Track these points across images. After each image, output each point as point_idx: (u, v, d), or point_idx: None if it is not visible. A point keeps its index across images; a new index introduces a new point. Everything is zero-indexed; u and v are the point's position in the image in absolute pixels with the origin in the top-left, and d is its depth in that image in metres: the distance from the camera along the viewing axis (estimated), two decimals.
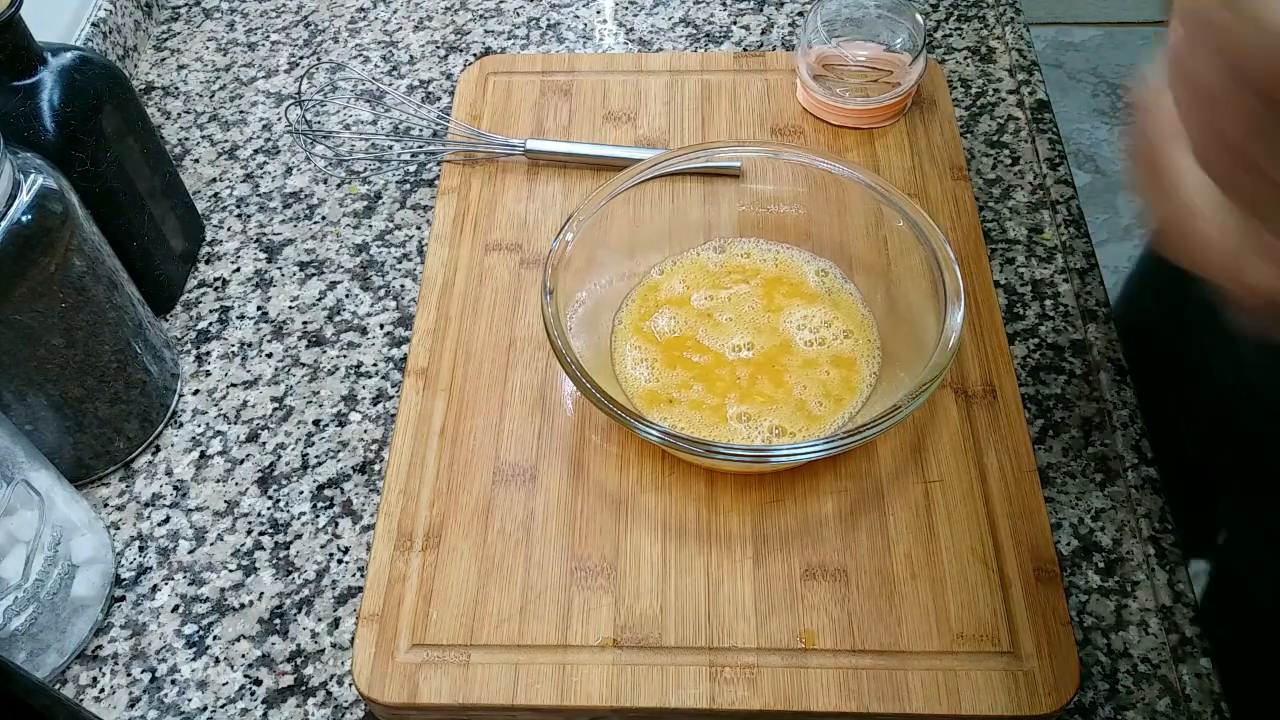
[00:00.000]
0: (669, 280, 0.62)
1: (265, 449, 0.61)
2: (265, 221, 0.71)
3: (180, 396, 0.63)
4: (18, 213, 0.49)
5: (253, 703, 0.52)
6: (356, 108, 0.77)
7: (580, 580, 0.53)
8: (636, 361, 0.58)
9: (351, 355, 0.64)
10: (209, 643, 0.54)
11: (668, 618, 0.51)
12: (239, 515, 0.58)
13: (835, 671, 0.49)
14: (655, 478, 0.56)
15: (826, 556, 0.53)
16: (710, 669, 0.50)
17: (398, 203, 0.71)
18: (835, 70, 0.68)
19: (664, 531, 0.54)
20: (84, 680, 0.53)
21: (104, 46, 0.76)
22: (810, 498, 0.55)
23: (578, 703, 0.49)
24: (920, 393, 0.50)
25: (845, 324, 0.59)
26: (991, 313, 0.61)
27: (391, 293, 0.67)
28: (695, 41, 0.79)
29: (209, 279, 0.68)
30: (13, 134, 0.54)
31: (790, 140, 0.70)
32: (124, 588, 0.56)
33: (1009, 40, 0.78)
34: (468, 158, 0.70)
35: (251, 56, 0.81)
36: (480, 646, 0.51)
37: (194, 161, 0.74)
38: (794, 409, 0.56)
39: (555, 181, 0.69)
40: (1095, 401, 0.59)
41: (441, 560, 0.53)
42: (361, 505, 0.58)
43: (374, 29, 0.82)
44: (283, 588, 0.55)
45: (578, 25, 0.81)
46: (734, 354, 0.58)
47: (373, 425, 0.61)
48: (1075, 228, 0.67)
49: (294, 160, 0.74)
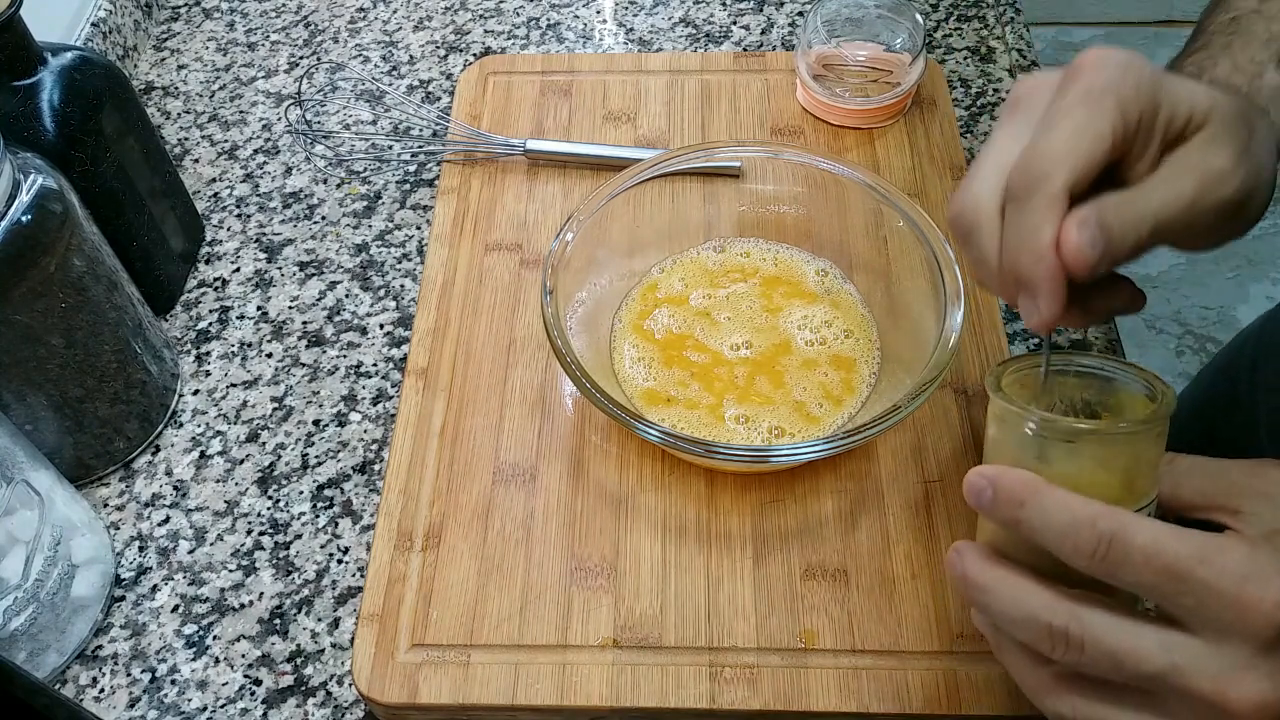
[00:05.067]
0: (668, 279, 0.62)
1: (265, 449, 0.60)
2: (265, 221, 0.71)
3: (180, 396, 0.63)
4: (18, 213, 0.49)
5: (253, 703, 0.52)
6: (356, 108, 0.77)
7: (580, 580, 0.53)
8: (635, 360, 0.58)
9: (351, 355, 0.64)
10: (209, 643, 0.54)
11: (668, 618, 0.51)
12: (239, 515, 0.58)
13: (835, 671, 0.49)
14: (655, 478, 0.56)
15: (826, 556, 0.53)
16: (710, 669, 0.50)
17: (398, 203, 0.71)
18: (835, 70, 0.68)
19: (664, 531, 0.54)
20: (84, 680, 0.53)
21: (104, 46, 0.76)
22: (810, 498, 0.55)
23: (578, 703, 0.49)
24: (920, 393, 0.50)
25: (845, 324, 0.59)
26: (991, 313, 0.61)
27: (391, 293, 0.67)
28: (695, 41, 0.79)
29: (209, 279, 0.68)
30: (13, 134, 0.54)
31: (790, 140, 0.70)
32: (124, 588, 0.56)
33: (1009, 40, 0.78)
34: (468, 158, 0.70)
35: (251, 56, 0.81)
36: (480, 646, 0.51)
37: (194, 161, 0.74)
38: (792, 409, 0.56)
39: (555, 181, 0.69)
40: None
41: (441, 560, 0.53)
42: (361, 505, 0.58)
43: (374, 29, 0.82)
44: (283, 588, 0.55)
45: (578, 25, 0.81)
46: (733, 353, 0.58)
47: (373, 425, 0.61)
48: None
49: (294, 160, 0.74)
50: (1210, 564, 0.32)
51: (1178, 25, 2.06)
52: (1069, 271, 0.36)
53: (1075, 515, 0.34)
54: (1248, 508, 0.36)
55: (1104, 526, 0.34)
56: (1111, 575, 0.34)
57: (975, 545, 0.38)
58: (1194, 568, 0.33)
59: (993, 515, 0.37)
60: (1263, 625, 0.32)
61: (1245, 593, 0.32)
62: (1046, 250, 0.36)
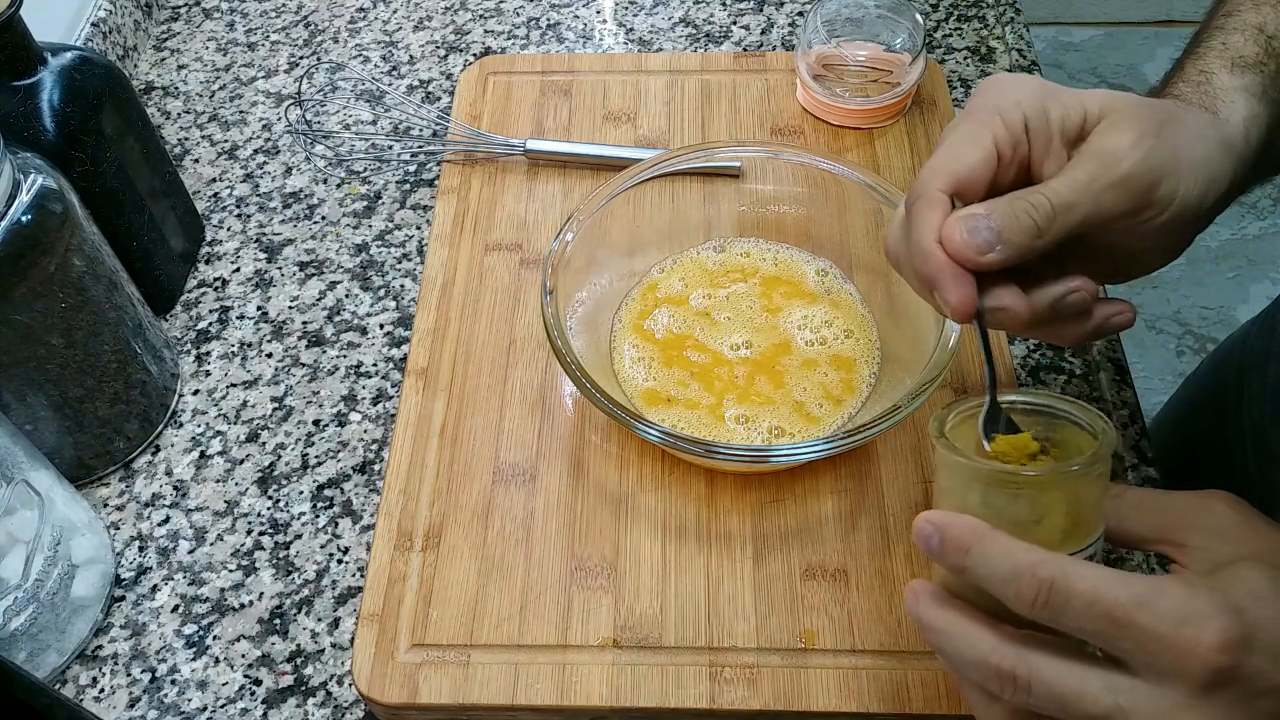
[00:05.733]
0: (668, 279, 0.62)
1: (265, 449, 0.61)
2: (265, 221, 0.71)
3: (180, 396, 0.63)
4: (18, 213, 0.49)
5: (253, 703, 0.52)
6: (356, 108, 0.77)
7: (580, 580, 0.53)
8: (635, 360, 0.58)
9: (351, 355, 0.64)
10: (209, 643, 0.54)
11: (668, 618, 0.51)
12: (239, 515, 0.58)
13: (835, 671, 0.49)
14: (655, 478, 0.56)
15: (826, 556, 0.53)
16: (710, 669, 0.50)
17: (398, 203, 0.71)
18: (835, 70, 0.68)
19: (664, 531, 0.54)
20: (84, 680, 0.53)
21: (104, 46, 0.76)
22: (810, 498, 0.55)
23: (578, 703, 0.49)
24: (920, 393, 0.50)
25: (845, 324, 0.59)
26: None
27: (391, 293, 0.67)
28: (695, 41, 0.79)
29: (209, 279, 0.68)
30: (13, 134, 0.54)
31: (790, 140, 0.70)
32: (124, 588, 0.56)
33: (1009, 40, 0.78)
34: (468, 158, 0.70)
35: (251, 56, 0.81)
36: (480, 646, 0.51)
37: (194, 161, 0.74)
38: (792, 409, 0.56)
39: (555, 181, 0.69)
40: (1095, 401, 0.59)
41: (441, 560, 0.53)
42: (361, 505, 0.58)
43: (374, 29, 0.82)
44: (283, 588, 0.55)
45: (578, 25, 0.81)
46: (733, 353, 0.58)
47: (373, 425, 0.61)
48: None
49: (294, 160, 0.74)
50: (1149, 608, 0.33)
51: (1177, 25, 2.06)
52: (959, 262, 0.40)
53: (1017, 563, 0.35)
54: (1192, 541, 0.37)
55: (1044, 574, 0.35)
56: (1054, 621, 0.35)
57: (930, 587, 0.39)
58: (1132, 613, 0.34)
59: (941, 561, 0.38)
60: (1199, 668, 0.33)
61: (1182, 636, 0.33)
62: (931, 246, 0.40)
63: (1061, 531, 0.38)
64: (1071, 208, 0.40)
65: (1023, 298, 0.41)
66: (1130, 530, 0.39)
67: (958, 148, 0.41)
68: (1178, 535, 0.38)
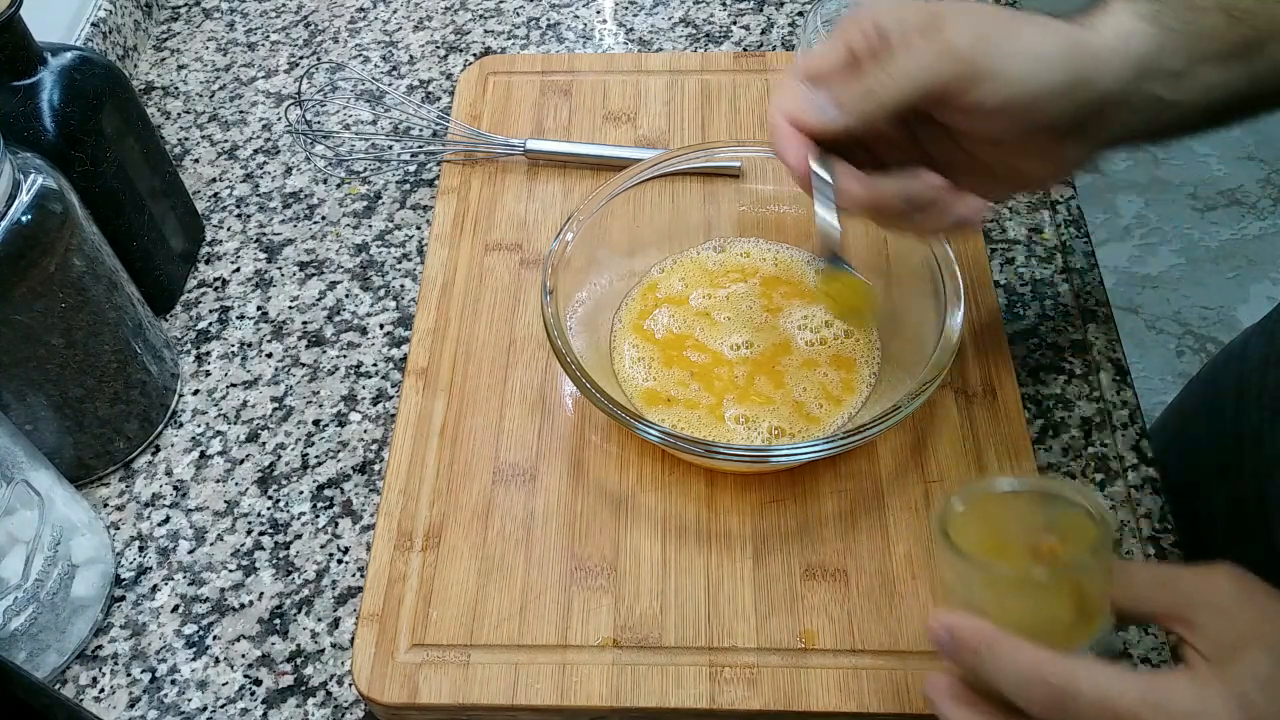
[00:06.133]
0: (668, 279, 0.62)
1: (265, 449, 0.61)
2: (265, 221, 0.71)
3: (180, 396, 0.63)
4: (18, 213, 0.49)
5: (253, 703, 0.52)
6: (356, 108, 0.77)
7: (580, 580, 0.53)
8: (635, 360, 0.58)
9: (351, 355, 0.64)
10: (209, 643, 0.54)
11: (668, 618, 0.51)
12: (239, 515, 0.58)
13: (835, 671, 0.49)
14: (655, 478, 0.56)
15: (826, 556, 0.53)
16: (710, 669, 0.50)
17: (398, 203, 0.71)
18: None
19: (664, 531, 0.54)
20: (84, 680, 0.53)
21: (104, 46, 0.76)
22: (810, 498, 0.55)
23: (578, 703, 0.49)
24: (920, 393, 0.50)
25: (845, 324, 0.59)
26: (991, 313, 0.61)
27: (391, 293, 0.67)
28: (695, 41, 0.79)
29: (209, 279, 0.68)
30: (13, 134, 0.54)
31: None
32: (124, 588, 0.56)
33: None
34: (468, 158, 0.70)
35: (251, 56, 0.81)
36: (480, 646, 0.51)
37: (194, 161, 0.74)
38: (792, 409, 0.56)
39: (555, 181, 0.69)
40: (1095, 401, 0.59)
41: (441, 560, 0.53)
42: (361, 505, 0.58)
43: (374, 29, 0.82)
44: (283, 588, 0.55)
45: (578, 25, 0.81)
46: (733, 353, 0.58)
47: (373, 425, 0.61)
48: (1075, 227, 0.67)
49: (294, 160, 0.74)
50: (1158, 707, 0.34)
51: None
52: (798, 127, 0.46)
53: (1025, 667, 0.36)
54: (1200, 619, 0.38)
55: (1053, 680, 0.36)
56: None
57: (949, 683, 0.40)
58: (1142, 713, 0.34)
59: (954, 662, 0.39)
60: None
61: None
62: (776, 118, 0.46)
63: (1069, 624, 0.39)
64: (903, 75, 0.44)
65: (861, 179, 0.46)
66: (1142, 610, 0.40)
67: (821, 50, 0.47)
68: (1187, 613, 0.38)
